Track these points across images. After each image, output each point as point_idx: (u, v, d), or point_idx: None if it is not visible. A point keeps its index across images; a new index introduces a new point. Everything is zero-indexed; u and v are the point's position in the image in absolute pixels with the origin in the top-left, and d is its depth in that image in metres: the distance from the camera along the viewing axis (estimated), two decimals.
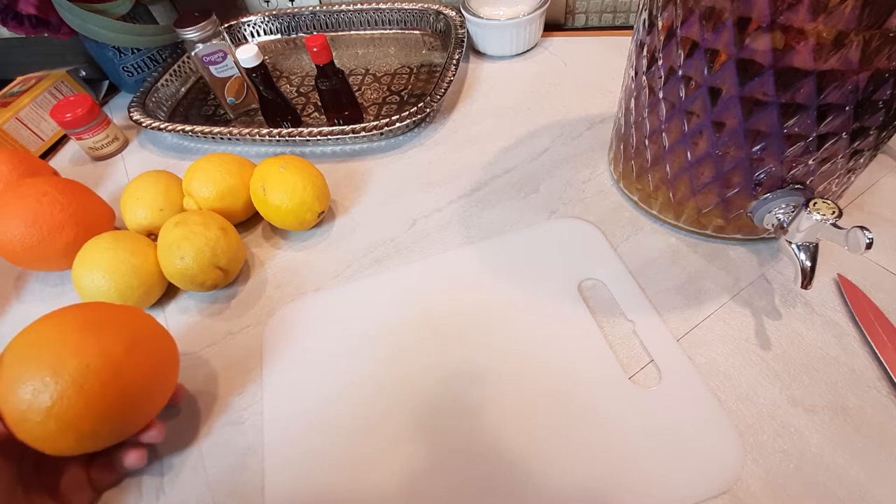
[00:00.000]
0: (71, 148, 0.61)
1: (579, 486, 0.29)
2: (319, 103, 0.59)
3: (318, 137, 0.51)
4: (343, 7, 0.70)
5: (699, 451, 0.30)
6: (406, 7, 0.68)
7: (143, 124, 0.56)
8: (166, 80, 0.64)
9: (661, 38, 0.32)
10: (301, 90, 0.64)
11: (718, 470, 0.29)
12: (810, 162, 0.32)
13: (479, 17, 0.60)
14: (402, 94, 0.60)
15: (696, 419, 0.31)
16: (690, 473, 0.29)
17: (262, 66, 0.51)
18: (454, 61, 0.57)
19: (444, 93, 0.53)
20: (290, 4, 0.73)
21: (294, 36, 0.73)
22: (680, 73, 0.32)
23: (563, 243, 0.41)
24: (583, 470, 0.30)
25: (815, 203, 0.30)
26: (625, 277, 0.38)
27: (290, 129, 0.52)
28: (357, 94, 0.61)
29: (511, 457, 0.31)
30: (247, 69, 0.51)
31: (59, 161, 0.60)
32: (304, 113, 0.60)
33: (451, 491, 0.30)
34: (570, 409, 0.32)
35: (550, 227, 0.43)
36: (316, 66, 0.50)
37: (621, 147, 0.42)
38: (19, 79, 0.64)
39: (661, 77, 0.34)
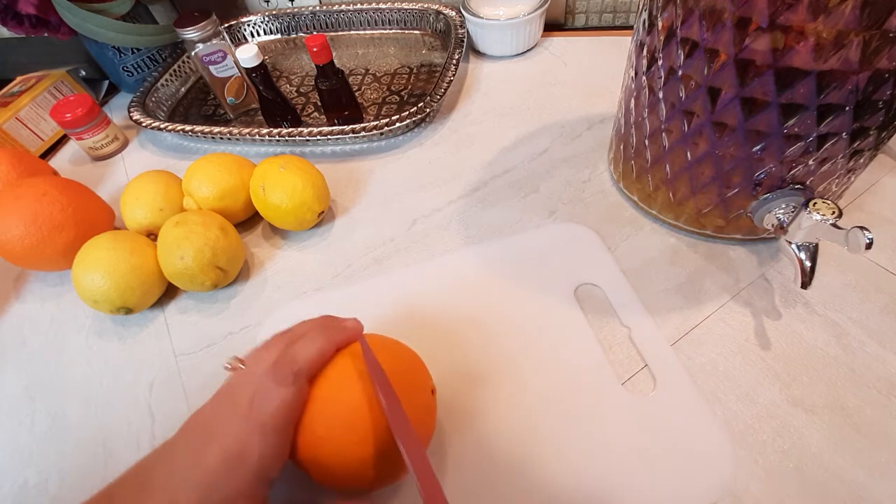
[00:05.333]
0: (71, 148, 0.61)
1: (575, 492, 0.29)
2: (319, 103, 0.59)
3: (318, 137, 0.51)
4: (343, 7, 0.70)
5: (692, 459, 0.30)
6: (406, 7, 0.68)
7: (143, 124, 0.55)
8: (166, 80, 0.64)
9: (661, 38, 0.32)
10: (301, 90, 0.64)
11: (710, 478, 0.29)
12: (810, 162, 0.32)
13: (479, 17, 0.60)
14: (402, 94, 0.60)
15: (689, 427, 0.31)
16: (683, 481, 0.29)
17: (262, 66, 0.51)
18: (454, 61, 0.57)
19: (444, 93, 0.53)
20: (290, 4, 0.73)
21: (294, 36, 0.73)
22: (680, 73, 0.32)
23: (561, 247, 0.41)
24: (577, 476, 0.30)
25: (815, 203, 0.30)
26: (621, 283, 0.38)
27: (290, 129, 0.52)
28: (357, 94, 0.61)
29: (504, 462, 0.31)
30: (247, 69, 0.51)
31: (59, 161, 0.60)
32: (304, 113, 0.60)
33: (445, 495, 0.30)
34: (565, 416, 0.32)
35: (550, 231, 0.43)
36: (316, 66, 0.50)
37: (621, 147, 0.42)
38: (19, 79, 0.64)
39: (661, 77, 0.34)
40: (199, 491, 0.23)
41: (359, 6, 0.69)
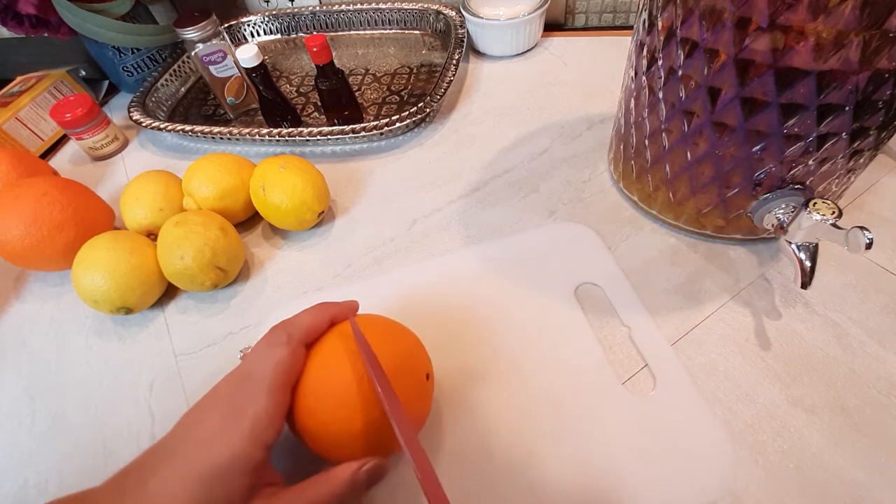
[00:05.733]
0: (71, 148, 0.61)
1: (575, 492, 0.29)
2: (319, 103, 0.59)
3: (318, 137, 0.51)
4: (343, 7, 0.70)
5: (691, 459, 0.29)
6: (406, 7, 0.68)
7: (143, 124, 0.55)
8: (166, 80, 0.64)
9: (661, 38, 0.32)
10: (301, 90, 0.64)
11: (710, 478, 0.29)
12: (810, 162, 0.32)
13: (479, 17, 0.60)
14: (402, 94, 0.60)
15: (689, 427, 0.31)
16: (683, 481, 0.29)
17: (261, 66, 0.51)
18: (454, 61, 0.57)
19: (444, 93, 0.53)
20: (290, 4, 0.73)
21: (294, 36, 0.73)
22: (680, 73, 0.32)
23: (561, 247, 0.41)
24: (577, 476, 0.30)
25: (815, 203, 0.30)
26: (622, 282, 0.38)
27: (290, 129, 0.52)
28: (357, 94, 0.61)
29: (504, 462, 0.31)
30: (247, 69, 0.51)
31: (59, 161, 0.60)
32: (304, 113, 0.60)
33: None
34: (565, 415, 0.32)
35: (550, 231, 0.43)
36: (316, 66, 0.50)
37: (621, 147, 0.42)
38: (19, 79, 0.64)
39: (661, 77, 0.34)
40: (197, 459, 0.23)
41: (359, 6, 0.69)
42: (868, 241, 0.27)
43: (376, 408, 0.26)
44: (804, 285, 0.32)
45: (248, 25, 0.72)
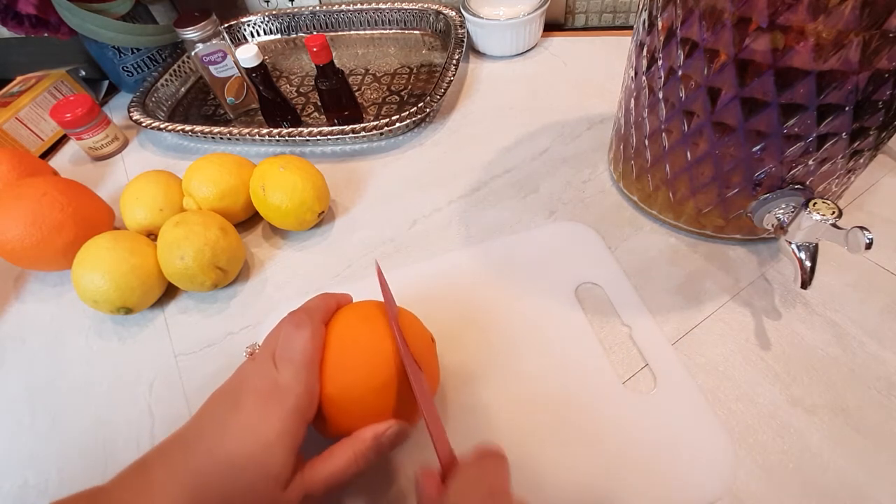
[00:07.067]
0: (71, 148, 0.61)
1: (575, 492, 0.29)
2: (319, 103, 0.59)
3: (318, 137, 0.51)
4: (343, 7, 0.70)
5: (692, 459, 0.30)
6: (406, 7, 0.68)
7: (143, 124, 0.55)
8: (166, 80, 0.64)
9: (661, 38, 0.32)
10: (301, 90, 0.64)
11: (710, 478, 0.29)
12: (810, 162, 0.32)
13: (479, 17, 0.60)
14: (402, 94, 0.60)
15: (689, 427, 0.31)
16: (683, 480, 0.29)
17: (261, 66, 0.51)
18: (454, 61, 0.57)
19: (444, 93, 0.53)
20: (290, 4, 0.73)
21: (294, 36, 0.73)
22: (680, 73, 0.32)
23: (562, 246, 0.41)
24: (577, 475, 0.30)
25: (815, 203, 0.30)
26: (622, 282, 0.38)
27: (290, 129, 0.52)
28: (357, 94, 0.61)
29: None
30: (247, 69, 0.51)
31: (59, 161, 0.60)
32: (304, 113, 0.60)
33: None
34: (565, 414, 0.32)
35: (550, 230, 0.43)
36: (316, 66, 0.50)
37: (621, 147, 0.42)
38: (19, 79, 0.64)
39: (661, 77, 0.34)
40: (243, 440, 0.24)
41: (359, 6, 0.69)
42: (868, 241, 0.27)
43: (397, 367, 0.27)
44: (804, 285, 0.32)
45: (248, 25, 0.72)
